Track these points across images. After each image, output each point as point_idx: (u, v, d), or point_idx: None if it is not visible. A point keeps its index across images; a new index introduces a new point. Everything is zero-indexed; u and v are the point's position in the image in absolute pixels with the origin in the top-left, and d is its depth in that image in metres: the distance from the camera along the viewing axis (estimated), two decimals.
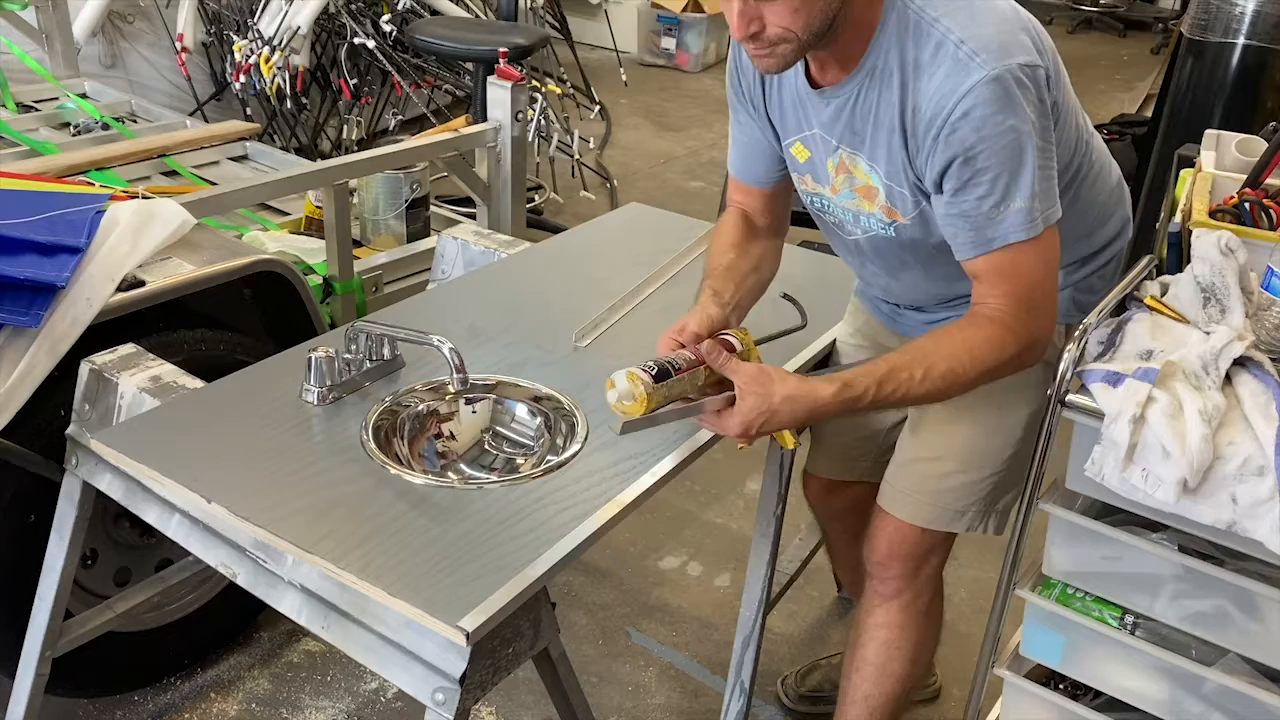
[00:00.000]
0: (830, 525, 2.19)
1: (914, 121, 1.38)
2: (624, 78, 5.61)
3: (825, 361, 1.84)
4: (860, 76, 1.41)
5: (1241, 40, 3.19)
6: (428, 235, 3.01)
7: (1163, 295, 1.52)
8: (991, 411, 1.63)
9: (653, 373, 1.33)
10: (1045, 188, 1.37)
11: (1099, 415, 1.35)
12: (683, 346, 1.41)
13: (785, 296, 1.53)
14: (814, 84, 1.47)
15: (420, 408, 1.59)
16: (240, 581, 1.43)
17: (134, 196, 2.00)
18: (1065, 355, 1.41)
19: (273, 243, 2.72)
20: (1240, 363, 1.38)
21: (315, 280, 2.51)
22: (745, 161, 1.66)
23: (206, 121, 3.73)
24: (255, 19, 4.06)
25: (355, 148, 4.27)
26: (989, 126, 1.31)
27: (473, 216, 3.22)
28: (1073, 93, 1.50)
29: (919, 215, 1.46)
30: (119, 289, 1.80)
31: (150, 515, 1.53)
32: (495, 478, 1.49)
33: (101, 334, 1.74)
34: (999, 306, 1.41)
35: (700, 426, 1.47)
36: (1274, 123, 2.01)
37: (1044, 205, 1.37)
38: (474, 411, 1.62)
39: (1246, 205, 1.67)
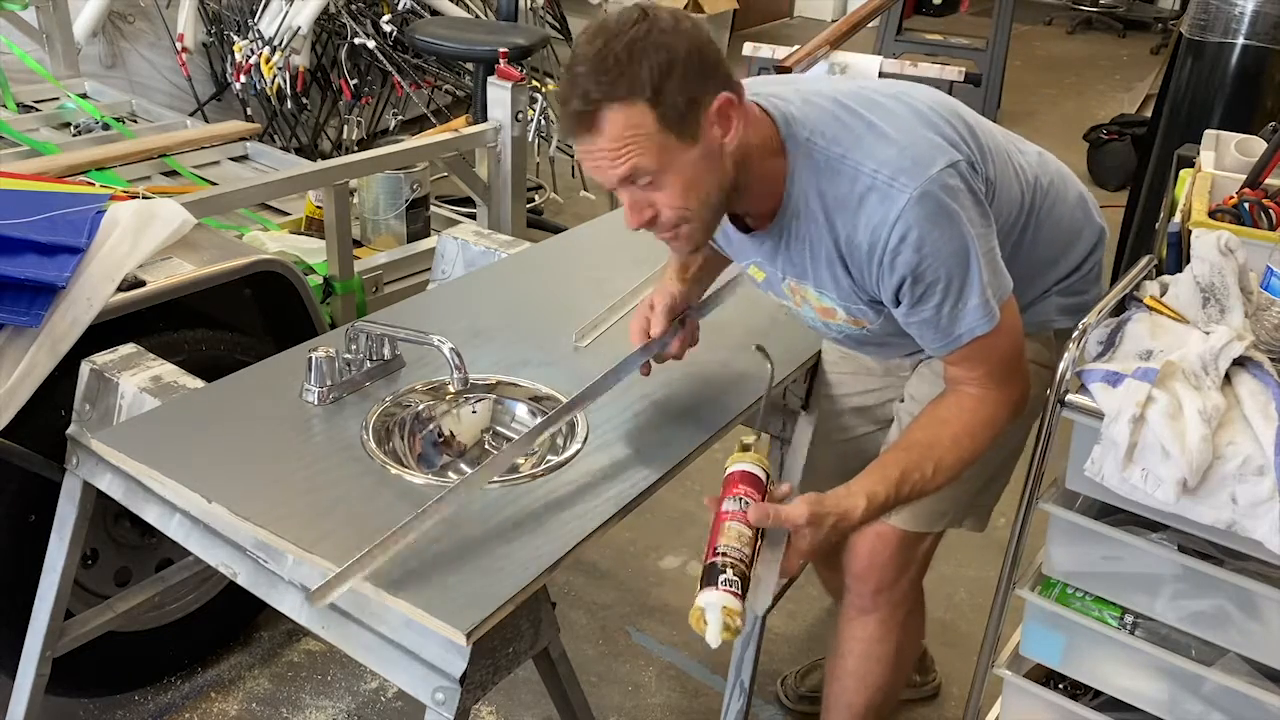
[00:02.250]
0: (822, 564, 2.19)
1: (851, 253, 1.38)
2: None
3: (814, 370, 1.83)
4: (785, 219, 1.40)
5: (1241, 40, 3.19)
6: (428, 235, 3.01)
7: (1162, 295, 1.52)
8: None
9: (736, 589, 1.24)
10: (993, 272, 1.37)
11: (1099, 415, 1.35)
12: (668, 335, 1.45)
13: (758, 348, 1.54)
14: (746, 229, 1.47)
15: (420, 408, 1.59)
16: (240, 581, 1.43)
17: (134, 196, 2.00)
18: (1065, 355, 1.41)
19: (273, 243, 2.72)
20: (1240, 363, 1.38)
21: (315, 280, 2.51)
22: None
23: (207, 121, 3.73)
24: (255, 19, 4.06)
25: (355, 148, 4.27)
26: (928, 244, 1.31)
27: (473, 216, 3.22)
28: (1000, 140, 1.49)
29: (885, 318, 1.46)
30: (119, 289, 1.80)
31: (151, 515, 1.53)
32: (495, 478, 1.48)
33: (102, 334, 1.74)
34: (979, 383, 1.43)
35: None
36: (1273, 123, 2.01)
37: (995, 289, 1.37)
38: (474, 411, 1.62)
39: (1246, 205, 1.67)
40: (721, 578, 1.24)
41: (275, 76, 3.92)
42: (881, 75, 3.32)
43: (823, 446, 1.88)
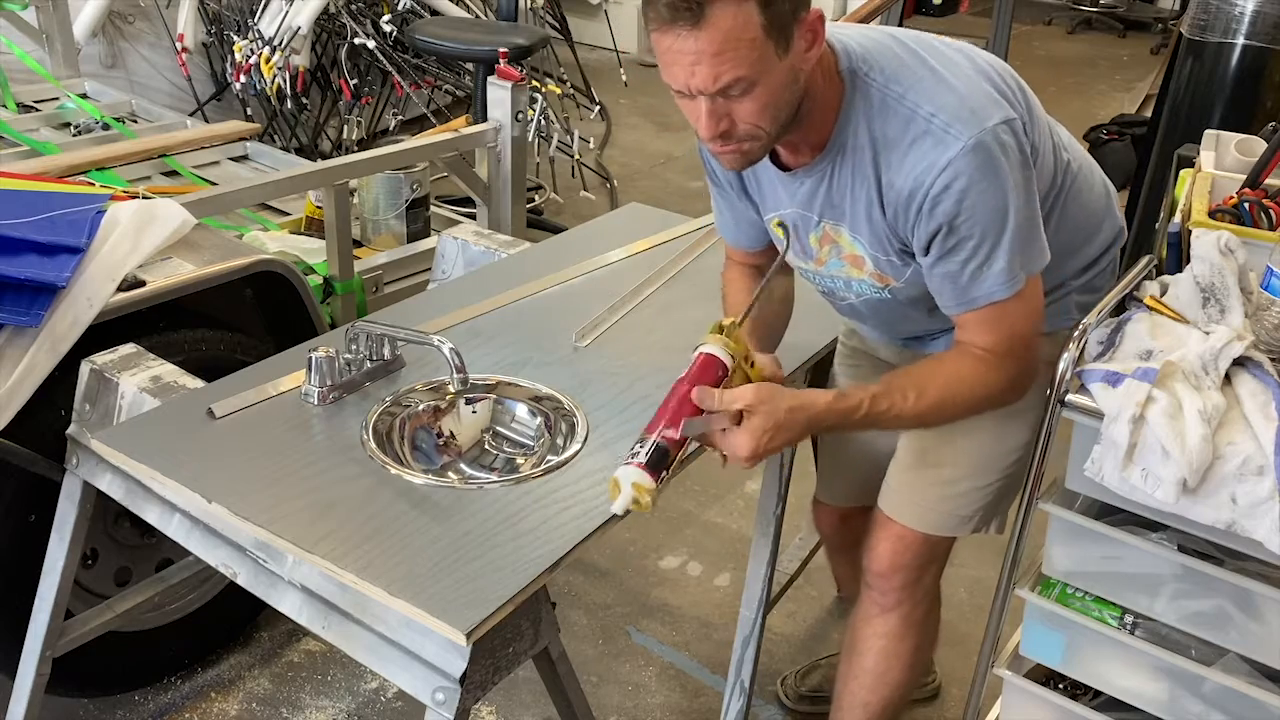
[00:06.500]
0: (838, 554, 2.19)
1: (892, 196, 1.36)
2: (624, 78, 5.60)
3: (822, 365, 1.84)
4: (831, 155, 1.39)
5: (1241, 40, 3.18)
6: (428, 235, 3.01)
7: (1162, 295, 1.52)
8: (997, 419, 1.62)
9: (649, 460, 1.25)
10: (1027, 240, 1.36)
11: (1099, 415, 1.35)
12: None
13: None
14: (784, 167, 1.45)
15: (420, 408, 1.59)
16: (241, 581, 1.43)
17: (134, 196, 2.00)
18: (1065, 355, 1.41)
19: (273, 243, 2.72)
20: (1240, 363, 1.38)
21: (315, 280, 2.51)
22: (733, 231, 1.66)
23: (207, 121, 3.73)
24: (255, 19, 4.06)
25: (355, 148, 4.27)
26: (971, 197, 1.30)
27: (473, 216, 3.22)
28: (1043, 112, 1.49)
29: (911, 275, 1.45)
30: (119, 289, 1.80)
31: (151, 515, 1.53)
32: (495, 478, 1.49)
33: (102, 334, 1.74)
34: (983, 349, 1.42)
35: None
36: (1273, 123, 2.01)
37: (1025, 259, 1.36)
38: (474, 411, 1.62)
39: (1246, 205, 1.67)
40: (643, 452, 1.25)
41: (275, 76, 3.92)
42: None
43: (838, 452, 1.88)
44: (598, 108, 4.84)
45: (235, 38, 4.15)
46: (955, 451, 1.65)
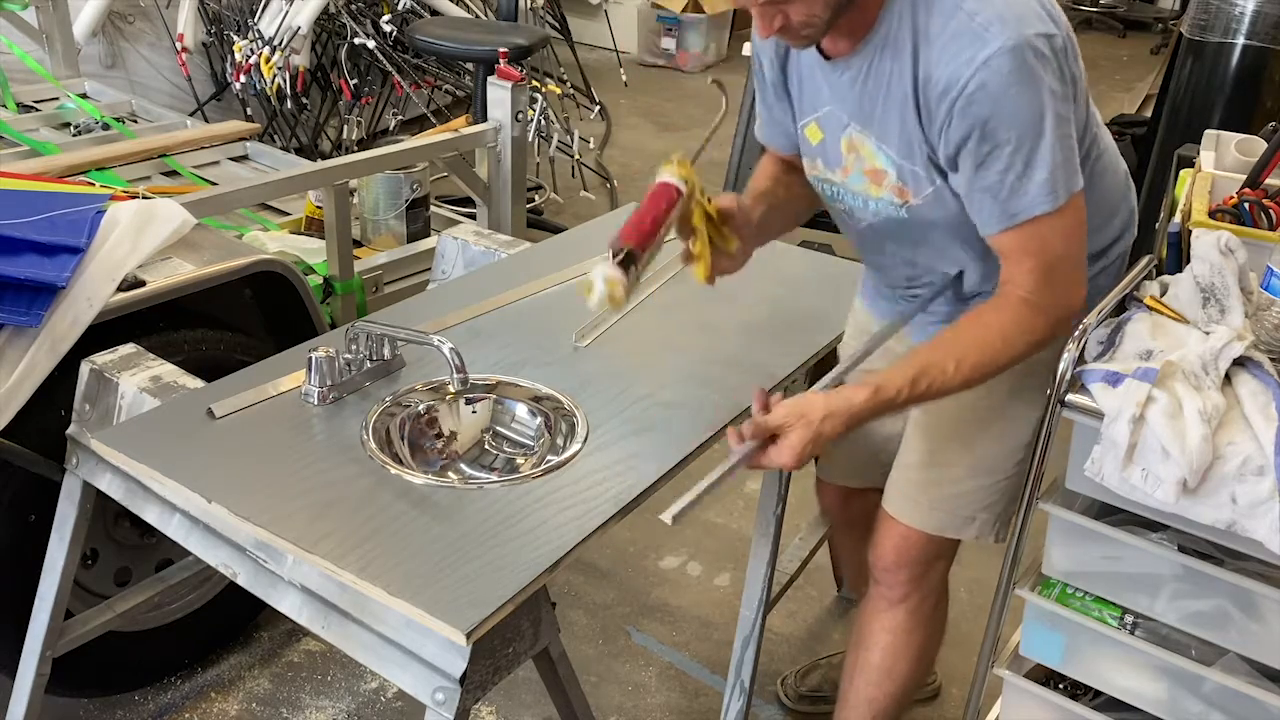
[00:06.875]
0: (842, 532, 2.19)
1: (927, 92, 1.36)
2: (624, 78, 5.61)
3: (827, 361, 1.84)
4: (873, 46, 1.40)
5: (1241, 40, 3.19)
6: (428, 235, 3.01)
7: (1162, 295, 1.52)
8: (999, 419, 1.62)
9: (620, 258, 1.37)
10: (1066, 157, 1.35)
11: (1099, 415, 1.35)
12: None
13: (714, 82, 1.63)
14: (826, 56, 1.47)
15: (420, 408, 1.59)
16: (240, 581, 1.43)
17: (134, 196, 2.00)
18: (1065, 355, 1.41)
19: (273, 243, 2.72)
20: (1240, 363, 1.38)
21: (315, 280, 2.51)
22: (768, 132, 1.69)
23: (207, 121, 3.73)
24: (255, 19, 4.06)
25: (355, 148, 4.27)
26: (1006, 99, 1.30)
27: (473, 216, 3.22)
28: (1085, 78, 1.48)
29: (933, 193, 1.44)
30: (119, 289, 1.80)
31: (150, 515, 1.53)
32: (495, 478, 1.49)
33: (101, 334, 1.74)
34: (1025, 283, 1.40)
35: (713, 445, 1.47)
36: (1274, 123, 2.01)
37: (1066, 175, 1.35)
38: (474, 411, 1.62)
39: (1246, 205, 1.67)
40: (615, 255, 1.37)
41: (275, 76, 3.92)
42: None
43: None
44: (598, 108, 4.84)
45: (235, 38, 4.15)
46: (958, 450, 1.66)
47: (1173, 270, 1.61)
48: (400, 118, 4.85)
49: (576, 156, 4.45)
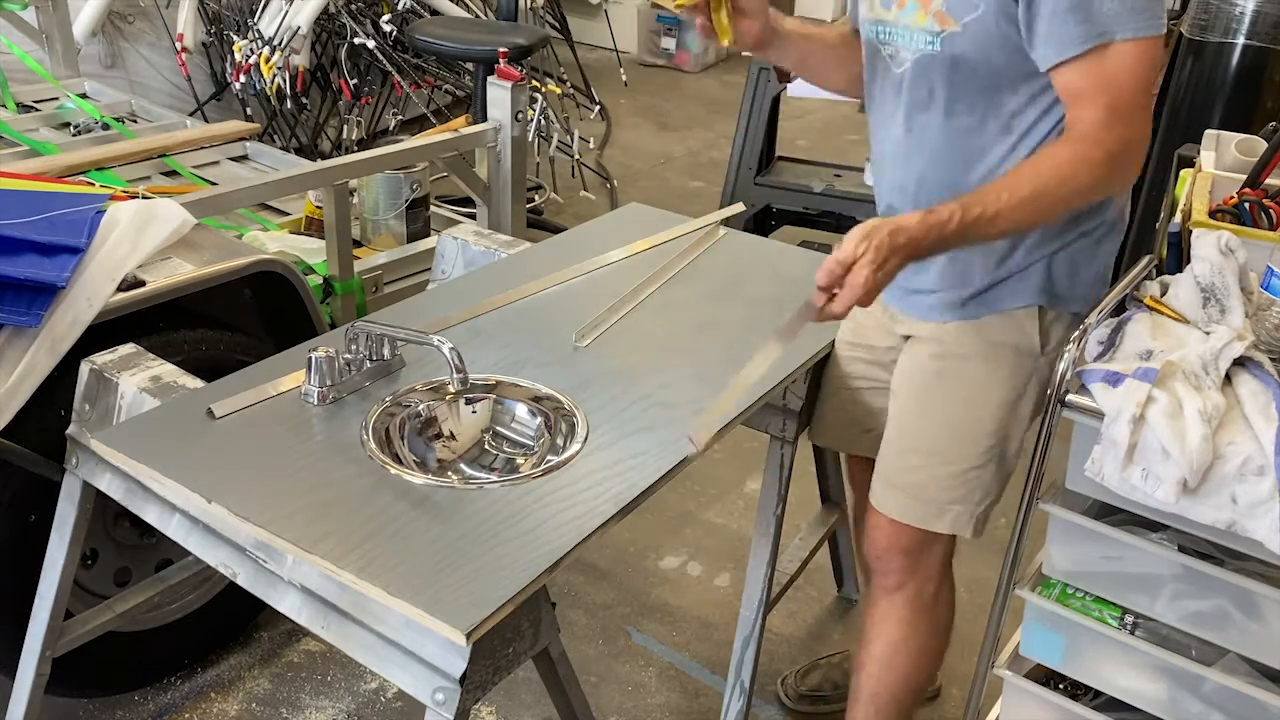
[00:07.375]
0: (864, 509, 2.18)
1: None
2: (624, 78, 5.61)
3: (823, 364, 1.84)
4: None
5: (1241, 40, 3.18)
6: (428, 235, 3.01)
7: (1163, 295, 1.52)
8: (958, 405, 1.62)
9: None
10: None
11: (1099, 415, 1.35)
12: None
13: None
14: None
15: (420, 408, 1.59)
16: (240, 581, 1.43)
17: (134, 196, 2.01)
18: (1065, 355, 1.41)
19: (273, 243, 2.72)
20: (1240, 363, 1.38)
21: (315, 280, 2.51)
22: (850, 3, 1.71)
23: (206, 121, 3.73)
24: (255, 19, 4.06)
25: (355, 148, 4.27)
26: None
27: (473, 216, 3.22)
28: None
29: (977, 19, 1.41)
30: (119, 289, 1.80)
31: (150, 515, 1.53)
32: (495, 478, 1.49)
33: (101, 334, 1.74)
34: (1090, 119, 1.38)
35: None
36: (1274, 123, 2.01)
37: (1156, 6, 1.33)
38: (474, 411, 1.62)
39: (1246, 205, 1.67)
40: None
41: (275, 76, 3.92)
42: None
43: (830, 398, 1.87)
44: (598, 108, 4.84)
45: (235, 38, 4.15)
46: (918, 435, 1.65)
47: (1173, 270, 1.61)
48: (400, 118, 4.85)
49: (576, 156, 4.45)
